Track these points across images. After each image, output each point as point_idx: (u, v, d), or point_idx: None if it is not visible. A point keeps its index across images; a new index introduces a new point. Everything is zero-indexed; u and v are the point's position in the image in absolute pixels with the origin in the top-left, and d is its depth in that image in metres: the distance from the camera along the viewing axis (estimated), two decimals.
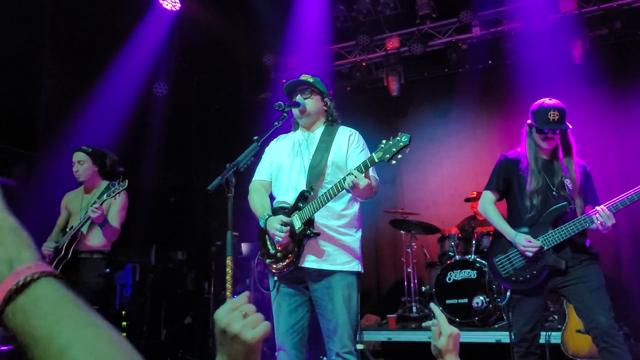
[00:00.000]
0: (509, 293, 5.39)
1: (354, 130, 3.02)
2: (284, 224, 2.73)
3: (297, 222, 2.74)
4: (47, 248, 3.87)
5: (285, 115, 2.89)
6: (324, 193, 2.66)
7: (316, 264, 2.75)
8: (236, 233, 7.03)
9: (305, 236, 2.72)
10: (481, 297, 5.43)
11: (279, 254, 2.83)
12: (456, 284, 5.65)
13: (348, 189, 2.53)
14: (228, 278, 2.34)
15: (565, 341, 4.63)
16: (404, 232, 6.57)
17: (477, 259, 5.66)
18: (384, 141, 2.51)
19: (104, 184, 3.92)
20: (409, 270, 6.40)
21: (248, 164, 2.62)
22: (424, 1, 7.27)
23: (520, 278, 3.15)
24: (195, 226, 7.12)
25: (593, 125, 6.35)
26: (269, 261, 2.91)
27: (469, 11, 7.09)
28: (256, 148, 2.67)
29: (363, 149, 2.95)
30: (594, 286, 3.00)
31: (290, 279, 2.87)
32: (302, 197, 2.78)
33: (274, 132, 2.94)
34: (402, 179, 8.06)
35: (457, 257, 5.84)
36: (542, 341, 4.80)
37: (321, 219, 2.79)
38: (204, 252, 6.87)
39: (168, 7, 6.43)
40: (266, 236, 2.91)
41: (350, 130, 3.01)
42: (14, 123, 5.10)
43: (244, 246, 6.91)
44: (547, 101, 3.21)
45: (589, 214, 3.01)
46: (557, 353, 4.68)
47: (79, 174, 3.98)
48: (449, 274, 5.72)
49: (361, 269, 2.87)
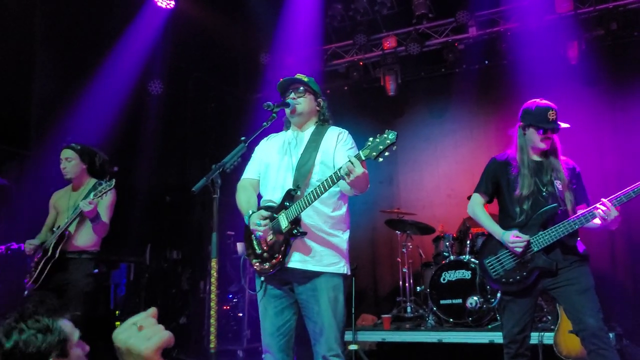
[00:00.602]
0: (499, 294, 5.40)
1: (343, 130, 3.00)
2: (263, 218, 2.71)
3: (283, 221, 2.72)
4: (28, 244, 3.85)
5: (275, 115, 2.88)
6: (312, 191, 2.64)
7: (302, 264, 2.74)
8: (232, 232, 7.04)
9: (291, 235, 2.70)
10: (475, 298, 5.43)
11: (265, 254, 2.81)
12: (450, 284, 5.65)
13: (343, 177, 2.50)
14: (213, 280, 2.34)
15: (557, 342, 4.62)
16: (399, 232, 6.56)
17: (472, 260, 5.66)
18: (370, 139, 2.50)
19: (92, 182, 3.91)
20: (404, 270, 6.40)
21: (235, 164, 2.61)
22: (420, 1, 7.27)
23: (510, 279, 3.14)
24: (190, 225, 7.11)
25: (589, 125, 6.34)
26: (255, 261, 2.90)
27: (466, 11, 7.08)
28: (243, 149, 2.66)
29: (352, 146, 2.94)
30: (583, 288, 3.00)
31: (277, 281, 2.85)
32: (289, 196, 2.76)
33: (263, 132, 2.94)
34: (399, 179, 8.05)
35: (452, 257, 5.84)
36: (535, 342, 4.81)
37: (308, 219, 2.77)
38: (199, 252, 6.87)
39: (162, 5, 6.41)
40: (252, 236, 2.90)
41: (339, 129, 3.00)
42: (5, 121, 5.09)
43: (240, 245, 6.90)
44: (541, 101, 3.22)
45: (586, 211, 2.99)
46: (550, 354, 4.67)
47: (67, 171, 3.97)
48: (443, 274, 5.72)
49: (348, 270, 2.84)
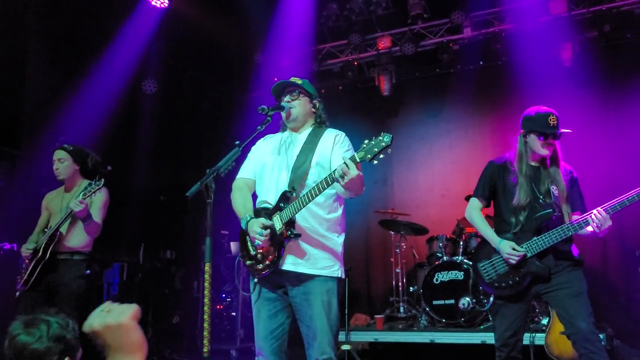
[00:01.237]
0: (492, 298, 5.43)
1: (340, 132, 2.99)
2: (264, 227, 2.69)
3: (278, 222, 2.71)
4: (25, 249, 3.84)
5: (269, 119, 2.88)
6: (306, 193, 2.63)
7: (296, 267, 2.72)
8: (226, 232, 7.03)
9: (285, 237, 2.70)
10: (467, 298, 5.45)
11: (259, 256, 2.81)
12: (443, 284, 5.68)
13: (338, 179, 2.49)
14: (207, 285, 2.33)
15: (549, 343, 4.66)
16: (393, 233, 6.58)
17: (465, 261, 5.69)
18: (366, 141, 2.50)
19: (84, 183, 3.89)
20: (397, 270, 6.42)
21: (229, 169, 2.60)
22: (415, 1, 7.27)
23: (503, 284, 3.17)
24: (184, 225, 7.10)
25: (582, 127, 6.33)
26: (249, 263, 2.89)
27: (461, 12, 7.10)
28: (237, 153, 2.65)
29: (348, 148, 2.92)
30: (575, 292, 3.02)
31: (270, 284, 2.84)
32: (284, 198, 2.75)
33: (257, 135, 2.93)
34: (393, 179, 8.06)
35: (445, 258, 5.87)
36: (527, 342, 4.83)
37: (303, 221, 2.76)
38: (193, 252, 6.86)
39: (156, 4, 6.38)
40: (247, 237, 2.89)
41: (336, 131, 2.99)
42: None
43: (234, 245, 6.91)
44: (541, 107, 3.22)
45: (581, 218, 3.00)
46: (541, 354, 4.70)
47: (59, 172, 3.95)
48: (436, 274, 5.74)
49: (342, 274, 2.83)
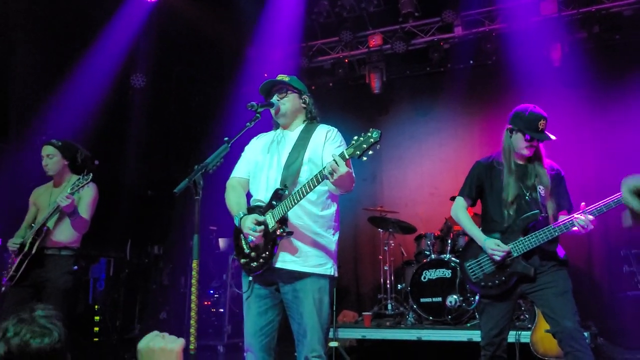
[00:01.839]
0: (477, 297, 5.47)
1: (332, 128, 2.97)
2: (258, 223, 2.69)
3: (270, 220, 2.70)
4: (12, 244, 3.80)
5: (258, 116, 2.86)
6: (298, 190, 2.62)
7: (289, 265, 2.72)
8: (214, 227, 7.01)
9: (278, 235, 2.69)
10: (455, 296, 5.49)
11: (253, 254, 2.80)
12: (431, 282, 5.71)
13: (327, 176, 2.49)
14: (194, 282, 2.32)
15: (534, 341, 4.70)
16: (382, 230, 6.59)
17: (452, 259, 5.72)
18: (355, 137, 2.49)
19: (73, 178, 3.85)
20: (385, 268, 6.44)
21: (217, 165, 2.59)
22: None
23: (489, 283, 3.20)
24: (172, 221, 7.06)
25: (570, 128, 6.41)
26: (243, 261, 2.87)
27: (452, 11, 7.11)
28: (226, 149, 2.64)
29: (340, 144, 2.90)
30: (560, 291, 3.05)
31: (263, 281, 2.84)
32: (276, 195, 2.75)
33: (248, 132, 2.92)
34: (382, 177, 8.08)
35: (433, 256, 5.89)
36: (512, 340, 4.89)
37: (296, 218, 2.75)
38: (181, 247, 6.83)
39: None
40: (241, 235, 2.88)
41: (328, 127, 2.97)
42: None
43: (222, 241, 6.90)
44: (535, 108, 3.24)
45: (565, 220, 3.02)
46: (526, 352, 4.75)
47: (48, 167, 3.92)
48: (424, 272, 5.77)
49: (335, 272, 2.82)
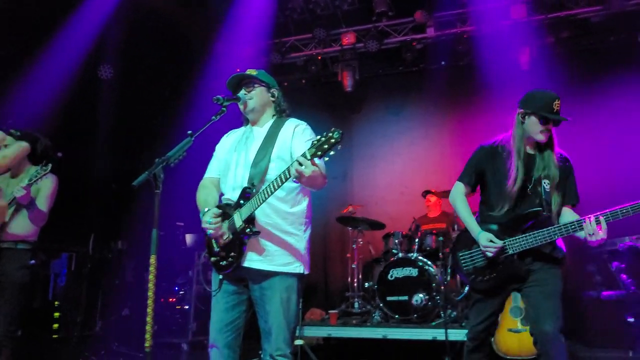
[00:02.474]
0: (467, 289, 5.50)
1: (301, 122, 2.92)
2: (215, 216, 2.66)
3: (238, 220, 2.67)
4: None
5: (224, 110, 2.81)
6: (265, 188, 2.58)
7: (257, 264, 2.69)
8: (181, 223, 6.91)
9: (245, 234, 2.66)
10: (421, 295, 5.52)
11: (223, 253, 2.76)
12: (398, 281, 5.73)
13: (295, 180, 2.46)
14: (151, 278, 2.27)
15: (496, 340, 4.77)
16: (351, 229, 6.60)
17: (419, 257, 5.76)
18: (317, 137, 2.46)
19: (32, 169, 3.74)
20: (353, 266, 6.45)
21: (180, 159, 2.54)
22: None
23: (479, 278, 3.03)
24: (138, 216, 6.92)
25: None
26: (213, 259, 2.84)
27: (425, 11, 7.16)
28: (189, 143, 2.58)
29: (310, 138, 2.82)
30: (549, 292, 2.89)
31: (232, 277, 2.81)
32: (244, 194, 2.71)
33: (213, 126, 2.86)
34: (353, 175, 8.11)
35: (401, 254, 5.91)
36: None
37: (265, 217, 2.71)
38: (146, 243, 6.69)
39: None
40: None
41: (297, 121, 2.92)
42: None
43: (189, 237, 6.80)
44: (547, 91, 3.01)
45: (574, 221, 2.79)
46: (489, 351, 4.80)
47: None
48: (391, 271, 5.78)
49: (304, 270, 2.78)
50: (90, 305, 5.70)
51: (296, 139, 2.83)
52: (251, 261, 2.69)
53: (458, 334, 5.00)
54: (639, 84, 6.71)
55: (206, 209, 2.76)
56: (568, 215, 3.00)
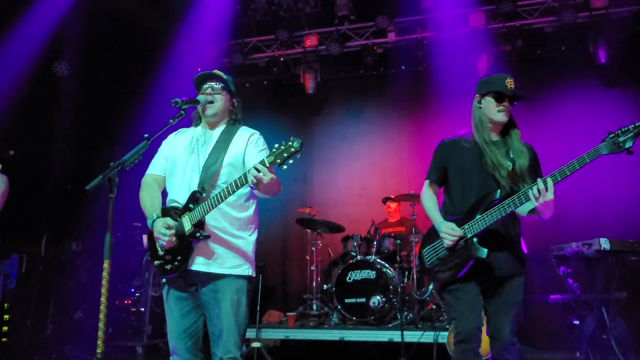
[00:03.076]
0: (430, 287, 5.49)
1: (254, 131, 2.96)
2: (168, 228, 2.65)
3: (186, 223, 2.66)
4: None
5: (183, 113, 2.80)
6: (217, 193, 2.59)
7: (205, 267, 2.70)
8: (139, 224, 6.78)
9: (195, 238, 2.66)
10: (378, 297, 5.61)
11: (168, 256, 2.75)
12: (356, 283, 5.80)
13: (251, 186, 2.47)
14: (104, 283, 2.23)
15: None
16: (310, 231, 6.63)
17: (377, 260, 5.84)
18: (276, 145, 2.48)
19: None
20: (312, 268, 6.48)
21: (135, 162, 2.51)
22: (343, 2, 7.36)
23: (443, 268, 2.95)
24: (93, 216, 6.77)
25: None
26: (157, 263, 2.82)
27: (386, 17, 7.27)
28: (145, 147, 2.56)
29: (263, 148, 2.90)
30: (513, 301, 2.90)
31: (181, 283, 2.80)
32: (193, 198, 2.70)
33: (169, 129, 2.84)
34: (313, 177, 8.15)
35: (359, 257, 5.99)
36: (430, 340, 5.06)
37: (213, 220, 2.73)
38: (102, 244, 6.54)
39: None
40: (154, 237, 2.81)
41: (251, 130, 2.96)
42: None
43: (146, 238, 6.68)
44: (499, 73, 2.99)
45: (522, 190, 2.73)
46: (444, 353, 4.91)
47: None
48: (349, 273, 5.85)
49: (252, 272, 2.83)
50: (42, 308, 5.54)
51: (250, 147, 2.86)
52: (200, 264, 2.70)
53: (414, 336, 5.11)
54: (589, 92, 7.01)
55: (155, 216, 2.74)
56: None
